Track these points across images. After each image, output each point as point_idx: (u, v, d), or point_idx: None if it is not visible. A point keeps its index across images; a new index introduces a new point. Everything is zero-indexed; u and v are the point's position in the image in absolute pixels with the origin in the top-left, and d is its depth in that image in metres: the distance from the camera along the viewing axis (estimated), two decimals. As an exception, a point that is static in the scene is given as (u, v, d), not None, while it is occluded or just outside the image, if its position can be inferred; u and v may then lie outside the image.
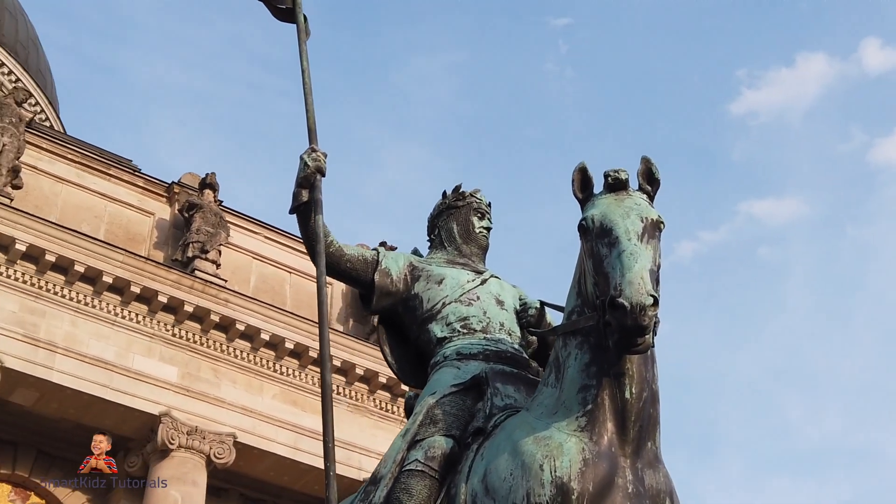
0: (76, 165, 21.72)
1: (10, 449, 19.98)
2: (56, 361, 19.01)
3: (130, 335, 19.84)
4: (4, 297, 19.02)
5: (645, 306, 4.57)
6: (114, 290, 19.88)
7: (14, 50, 30.23)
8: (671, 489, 5.01)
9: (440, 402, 5.44)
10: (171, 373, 19.92)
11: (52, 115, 31.59)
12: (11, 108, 20.67)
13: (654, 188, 5.20)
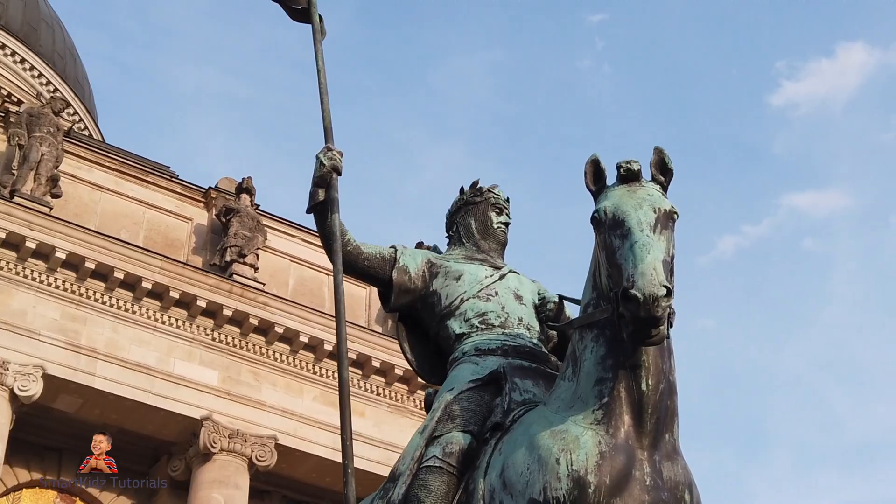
0: (114, 173, 21.91)
1: (55, 455, 20.19)
2: (98, 368, 19.20)
3: (171, 340, 19.99)
4: (46, 304, 19.23)
5: (658, 297, 4.53)
6: (153, 296, 20.04)
7: (52, 60, 30.55)
8: (690, 480, 4.96)
9: (457, 398, 5.42)
10: (211, 377, 20.05)
11: (90, 124, 31.88)
12: (49, 117, 20.88)
13: (668, 178, 5.15)
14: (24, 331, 18.82)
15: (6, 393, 18.29)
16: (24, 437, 19.35)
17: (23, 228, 19.07)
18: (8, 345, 18.57)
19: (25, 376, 18.48)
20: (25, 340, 18.75)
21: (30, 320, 18.98)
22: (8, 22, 29.61)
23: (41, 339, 18.90)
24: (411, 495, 5.17)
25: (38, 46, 30.13)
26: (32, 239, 19.11)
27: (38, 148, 20.26)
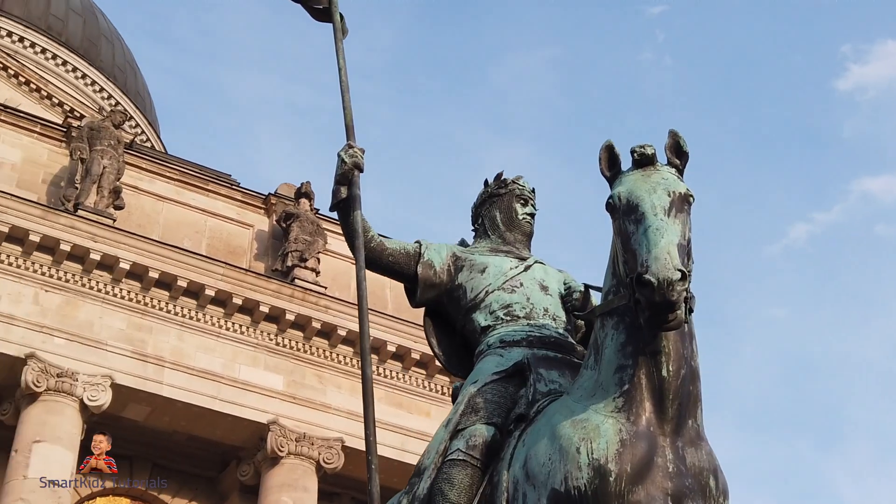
0: (175, 183, 22.18)
1: (126, 463, 20.46)
2: (165, 375, 19.44)
3: (235, 346, 20.18)
4: (112, 315, 19.52)
5: (672, 281, 4.48)
6: (217, 303, 20.25)
7: (112, 74, 31.00)
8: (715, 467, 4.90)
9: (481, 390, 5.41)
10: (276, 381, 20.21)
11: (152, 136, 32.31)
12: (109, 130, 21.18)
13: (683, 161, 5.10)
14: (92, 342, 19.12)
15: (76, 403, 18.58)
16: (94, 445, 19.63)
17: (87, 241, 19.37)
18: (76, 356, 18.87)
19: (94, 386, 18.77)
20: (93, 351, 19.04)
21: (97, 331, 19.28)
22: (68, 39, 30.12)
23: (108, 350, 19.18)
24: (435, 489, 5.17)
25: (99, 61, 30.60)
26: (96, 251, 19.40)
27: (99, 161, 20.56)
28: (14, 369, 18.49)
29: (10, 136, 21.08)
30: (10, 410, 18.80)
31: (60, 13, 30.31)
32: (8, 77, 27.14)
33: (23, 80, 27.29)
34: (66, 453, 18.36)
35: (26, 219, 19.11)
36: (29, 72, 27.61)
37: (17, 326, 18.71)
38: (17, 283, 19.04)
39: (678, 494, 4.66)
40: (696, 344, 4.96)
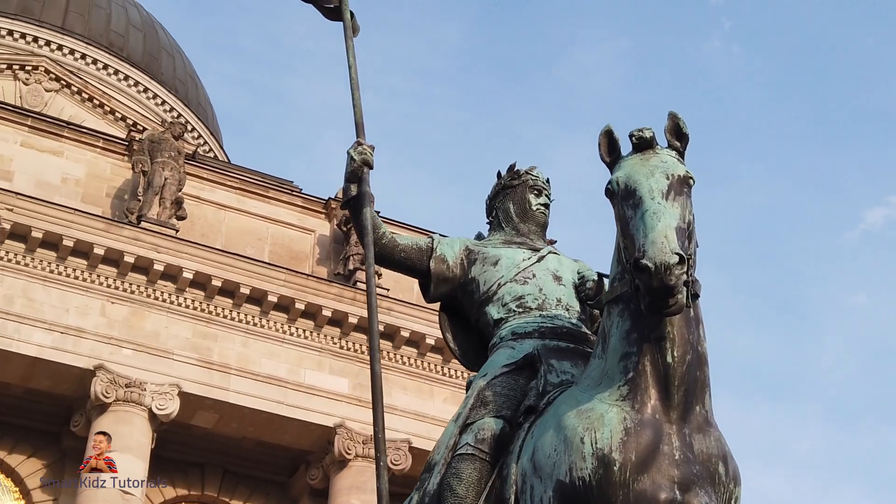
0: (236, 191, 22.38)
1: (197, 470, 20.72)
2: (231, 382, 19.63)
3: (300, 351, 20.31)
4: (177, 324, 19.76)
5: (670, 265, 4.39)
6: (280, 309, 20.39)
7: (173, 87, 31.40)
8: (724, 453, 4.80)
9: (490, 383, 5.36)
10: (342, 384, 20.30)
11: (215, 146, 32.65)
12: (170, 142, 21.42)
13: (684, 143, 5.00)
14: (159, 351, 19.38)
15: (145, 413, 18.84)
16: (166, 454, 19.90)
17: (150, 252, 19.62)
18: (144, 366, 19.13)
19: (162, 395, 19.02)
20: (160, 360, 19.30)
21: (163, 340, 19.53)
22: (130, 54, 30.57)
23: (175, 359, 19.42)
24: (444, 484, 5.15)
25: (160, 75, 31.01)
26: (160, 261, 19.65)
27: (160, 173, 20.81)
28: (84, 381, 18.81)
29: (74, 151, 21.44)
30: (81, 422, 19.11)
31: (121, 29, 30.78)
32: (72, 94, 27.65)
33: (86, 96, 27.77)
34: (138, 462, 18.62)
35: (90, 232, 19.41)
36: (92, 88, 28.08)
37: (85, 339, 19.02)
38: (84, 297, 19.35)
39: (685, 482, 4.58)
40: (704, 329, 4.87)
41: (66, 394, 19.26)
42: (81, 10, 30.26)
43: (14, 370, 18.98)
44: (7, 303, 18.80)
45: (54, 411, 19.54)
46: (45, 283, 19.19)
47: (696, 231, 4.84)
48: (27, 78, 27.66)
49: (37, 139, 21.22)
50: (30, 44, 28.97)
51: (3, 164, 20.70)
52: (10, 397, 19.36)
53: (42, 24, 29.39)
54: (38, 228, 19.08)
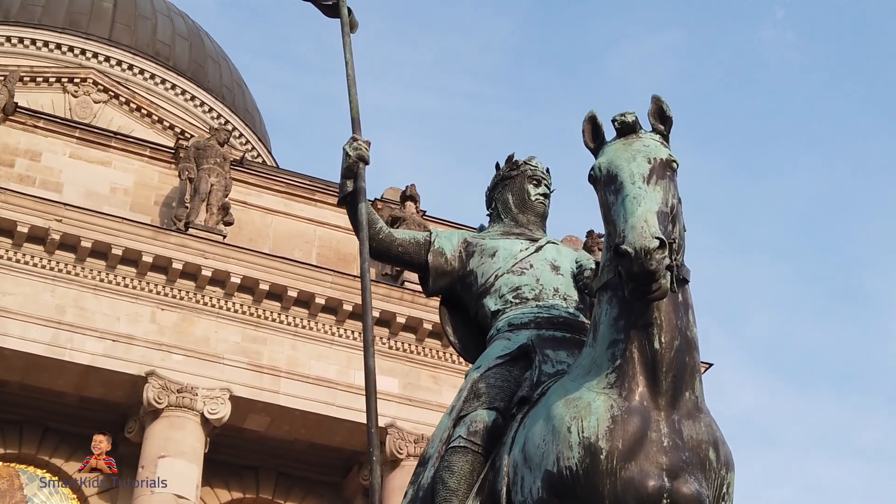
0: (282, 195, 22.51)
1: (251, 473, 20.87)
2: (281, 385, 19.74)
3: (349, 352, 20.36)
4: (227, 329, 19.90)
5: (650, 250, 4.33)
6: (328, 311, 20.46)
7: (220, 94, 31.66)
8: (715, 438, 4.74)
9: (484, 375, 5.33)
10: (391, 384, 20.31)
11: (263, 151, 32.88)
12: (215, 149, 21.59)
13: (668, 127, 4.94)
14: (209, 356, 19.53)
15: (197, 417, 19.00)
16: (220, 458, 20.06)
17: (198, 258, 19.78)
18: (195, 371, 19.30)
19: (214, 400, 19.17)
20: (210, 365, 19.45)
21: (213, 345, 19.68)
22: (176, 63, 30.87)
23: (225, 363, 19.57)
24: (437, 477, 5.13)
25: (207, 82, 31.28)
26: (208, 267, 19.79)
27: (206, 179, 20.98)
28: (136, 387, 19.01)
29: (122, 161, 21.70)
30: (135, 428, 19.32)
31: (167, 38, 31.10)
32: (120, 105, 27.97)
33: (135, 106, 28.08)
34: (191, 467, 18.79)
35: (138, 240, 19.61)
36: (140, 98, 28.39)
37: (136, 346, 19.23)
38: (134, 304, 19.56)
39: (674, 468, 4.52)
40: (693, 314, 4.82)
41: (119, 401, 19.48)
42: (128, 21, 30.63)
43: (68, 379, 19.24)
44: (59, 312, 19.06)
45: (109, 418, 19.75)
46: (95, 292, 19.42)
47: (683, 214, 4.79)
48: (76, 90, 28.05)
49: (85, 150, 21.49)
50: (78, 56, 29.37)
51: (52, 176, 20.98)
52: (66, 406, 19.63)
53: (89, 36, 29.78)
54: (87, 238, 19.30)
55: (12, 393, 19.38)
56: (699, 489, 4.53)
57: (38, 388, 19.30)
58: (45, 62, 28.82)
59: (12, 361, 18.83)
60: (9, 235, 19.07)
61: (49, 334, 18.82)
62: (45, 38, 29.35)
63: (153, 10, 31.79)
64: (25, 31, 29.28)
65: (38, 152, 21.22)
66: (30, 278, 19.13)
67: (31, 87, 27.56)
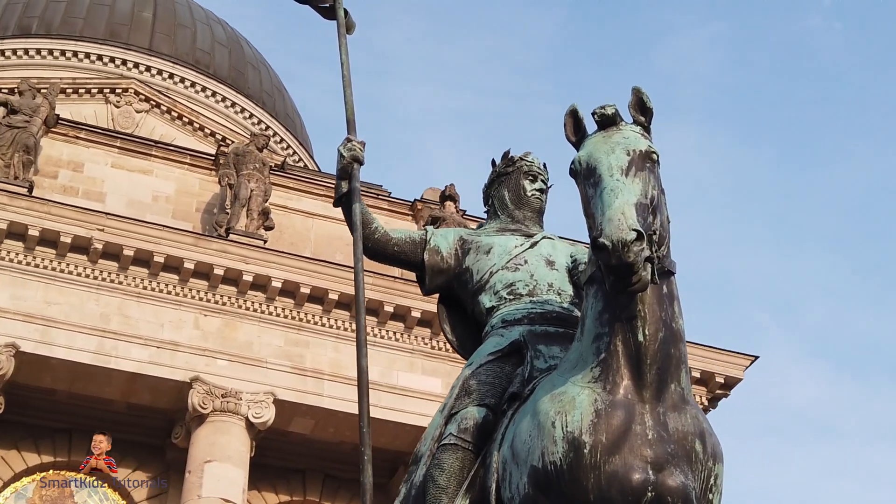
0: (323, 199, 22.55)
1: (298, 476, 20.97)
2: (325, 388, 19.81)
3: (391, 353, 20.40)
4: (269, 333, 20.02)
5: (627, 242, 4.30)
6: (369, 313, 20.48)
7: (261, 100, 31.87)
8: (701, 430, 4.69)
9: (475, 372, 5.33)
10: (434, 385, 20.33)
11: (304, 156, 33.03)
12: (254, 154, 21.73)
13: (648, 118, 4.91)
14: (252, 360, 19.65)
15: (242, 422, 19.13)
16: (267, 461, 20.19)
17: (238, 263, 19.91)
18: (239, 375, 19.43)
19: (258, 404, 19.29)
20: (254, 369, 19.58)
21: (256, 350, 19.81)
22: (216, 70, 31.11)
23: (269, 367, 19.69)
24: (428, 475, 5.14)
25: (247, 89, 31.50)
26: (249, 272, 19.92)
27: (246, 185, 21.12)
28: (181, 393, 19.19)
29: (163, 169, 21.92)
30: (181, 433, 19.49)
31: (206, 46, 31.36)
32: (162, 114, 28.22)
33: (176, 115, 28.33)
34: (237, 471, 18.92)
35: (179, 247, 19.77)
36: (181, 106, 28.64)
37: (180, 352, 19.40)
38: (177, 311, 19.73)
39: (659, 461, 4.50)
40: (679, 305, 4.78)
41: (165, 407, 19.66)
42: (167, 30, 30.94)
43: (115, 386, 19.44)
44: (104, 321, 19.26)
45: (156, 424, 19.96)
46: (139, 300, 19.61)
47: (666, 206, 4.76)
48: (118, 100, 28.36)
49: (126, 159, 21.74)
50: (119, 67, 29.70)
51: (95, 186, 21.24)
52: (114, 413, 19.83)
53: (130, 47, 30.11)
54: (129, 246, 19.49)
55: (61, 402, 19.63)
56: (685, 481, 4.50)
57: (86, 396, 19.52)
58: (87, 74, 29.17)
59: (59, 370, 19.08)
60: (53, 246, 19.31)
61: (94, 343, 19.05)
62: (86, 50, 29.73)
63: (192, 18, 32.08)
64: (67, 43, 29.68)
65: (80, 163, 21.49)
66: (74, 288, 19.36)
67: (74, 99, 27.91)
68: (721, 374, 21.86)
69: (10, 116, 20.44)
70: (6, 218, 19.03)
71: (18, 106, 20.69)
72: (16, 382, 18.70)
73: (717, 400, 22.16)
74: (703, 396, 21.93)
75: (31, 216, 19.18)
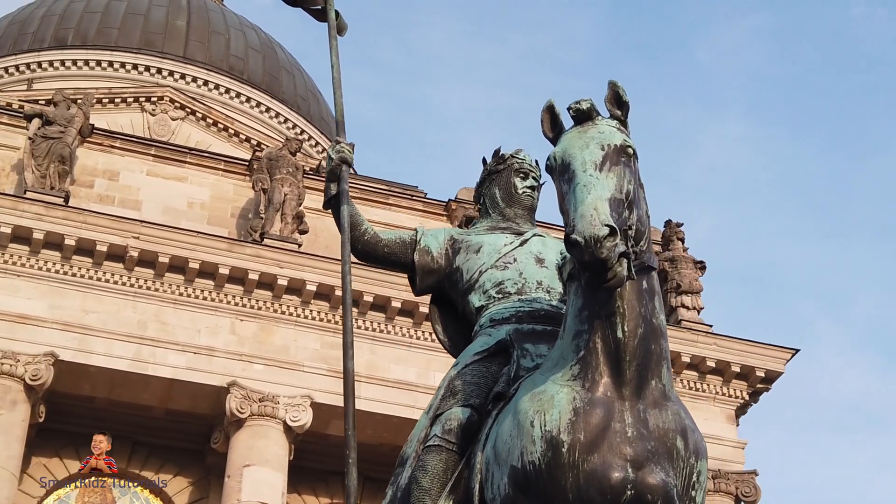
0: (358, 201, 22.47)
1: (337, 479, 20.93)
2: (361, 390, 19.75)
3: (427, 354, 20.37)
4: (305, 336, 20.07)
5: (599, 238, 4.23)
6: (404, 314, 20.51)
7: (295, 104, 31.99)
8: (683, 426, 4.61)
9: (461, 372, 5.29)
10: (470, 384, 20.26)
11: (340, 158, 33.05)
12: (287, 158, 21.78)
13: (625, 112, 4.84)
14: (289, 364, 19.71)
15: (280, 425, 19.19)
16: (306, 464, 20.24)
17: (273, 268, 19.97)
18: (276, 379, 19.49)
19: (295, 407, 19.36)
20: (291, 373, 19.63)
21: (292, 353, 19.86)
22: (250, 76, 31.28)
23: (305, 371, 19.74)
24: (412, 477, 5.11)
25: (281, 94, 31.63)
26: (283, 276, 19.98)
27: (280, 189, 21.18)
28: (219, 398, 19.28)
29: (198, 176, 22.03)
30: (220, 438, 19.59)
31: (240, 52, 31.53)
32: (197, 121, 28.38)
33: (211, 121, 28.49)
34: (276, 475, 18.99)
35: (214, 253, 19.88)
36: (216, 113, 28.80)
37: (217, 357, 19.50)
38: (214, 316, 19.83)
39: (639, 459, 4.44)
40: (661, 301, 4.72)
41: (204, 412, 19.77)
42: (201, 38, 31.13)
43: (153, 393, 19.58)
44: (141, 328, 19.41)
45: (195, 430, 20.08)
46: (175, 306, 19.74)
47: (645, 200, 4.70)
48: (153, 109, 28.58)
49: (161, 167, 21.87)
50: (154, 76, 29.95)
51: (131, 195, 21.39)
52: (153, 419, 19.98)
53: (165, 55, 30.35)
54: (164, 254, 19.62)
55: (101, 409, 19.80)
56: (665, 479, 4.44)
57: (125, 402, 19.68)
58: (122, 83, 29.45)
59: (98, 378, 19.24)
60: (89, 255, 19.47)
61: (132, 350, 19.20)
62: (121, 60, 30.01)
63: (226, 25, 32.26)
64: (103, 53, 29.97)
65: (116, 172, 21.65)
66: (111, 296, 19.53)
67: (111, 109, 28.16)
68: (761, 368, 21.64)
69: (46, 127, 20.61)
70: (43, 228, 19.22)
71: (53, 117, 20.86)
72: (56, 391, 18.90)
73: (759, 394, 21.94)
74: (744, 391, 21.74)
75: (68, 226, 19.36)
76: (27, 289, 19.15)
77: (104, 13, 30.84)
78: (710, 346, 21.53)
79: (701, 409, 21.21)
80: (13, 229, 19.11)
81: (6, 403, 18.18)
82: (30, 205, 19.34)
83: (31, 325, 18.80)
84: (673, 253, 22.64)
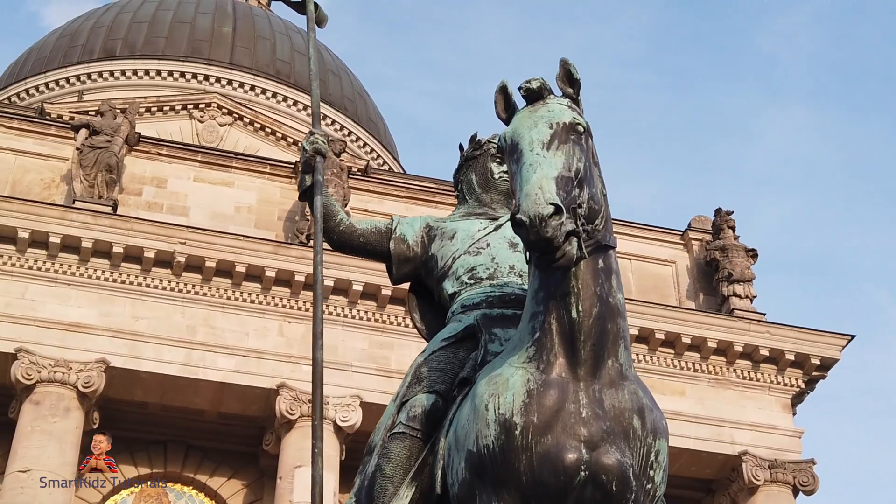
0: (405, 200, 22.60)
1: (390, 478, 20.97)
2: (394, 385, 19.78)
3: (475, 351, 20.30)
4: (353, 336, 20.11)
5: (544, 217, 4.16)
6: (443, 308, 20.45)
7: (342, 105, 32.07)
8: (640, 405, 4.54)
9: (427, 359, 5.25)
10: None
11: (388, 158, 33.14)
12: (331, 159, 21.80)
13: (576, 90, 4.76)
14: (338, 364, 19.70)
15: (330, 426, 19.21)
16: (358, 464, 20.15)
17: (318, 269, 19.98)
18: (325, 380, 19.38)
19: (345, 407, 19.38)
20: (340, 373, 19.63)
21: (341, 354, 19.88)
22: (296, 80, 31.42)
23: (354, 370, 19.75)
24: (377, 465, 5.12)
25: (328, 95, 31.71)
26: (329, 277, 19.97)
27: (324, 191, 21.21)
28: (269, 400, 19.37)
29: (245, 180, 22.15)
30: (272, 440, 19.69)
31: (286, 56, 31.69)
32: (244, 126, 28.56)
33: (258, 126, 28.64)
34: (328, 475, 18.95)
35: (261, 256, 19.98)
36: (263, 117, 28.95)
37: (266, 360, 19.59)
38: (261, 319, 19.93)
39: (594, 440, 4.38)
40: (618, 280, 4.64)
41: (255, 414, 19.88)
42: (247, 43, 31.34)
43: (204, 396, 19.72)
44: (190, 333, 19.56)
45: (247, 432, 20.19)
46: (223, 310, 19.86)
47: (601, 178, 4.62)
48: (201, 115, 28.81)
49: (208, 173, 22.02)
50: (201, 83, 30.20)
51: (178, 201, 21.56)
52: (205, 423, 20.13)
53: (211, 62, 30.59)
54: (211, 258, 19.76)
55: (154, 414, 19.98)
56: (621, 459, 4.38)
57: (177, 407, 19.84)
58: (170, 91, 29.72)
59: (150, 383, 19.42)
60: (137, 262, 19.67)
61: (182, 354, 19.35)
62: (169, 68, 30.31)
63: (271, 30, 32.43)
64: (150, 62, 30.29)
65: (163, 179, 21.83)
66: (160, 301, 19.70)
67: (159, 117, 28.45)
68: (816, 355, 21.30)
69: (93, 138, 20.86)
70: (91, 237, 19.44)
71: (100, 127, 21.10)
72: (108, 397, 19.09)
73: (815, 382, 21.60)
74: (799, 379, 21.43)
75: (115, 234, 19.57)
76: (77, 297, 19.38)
77: (151, 23, 31.18)
78: (762, 335, 21.25)
79: (755, 398, 20.97)
80: (62, 239, 19.35)
81: (60, 411, 18.40)
82: (78, 214, 19.57)
83: (82, 332, 19.02)
84: (724, 242, 22.36)
